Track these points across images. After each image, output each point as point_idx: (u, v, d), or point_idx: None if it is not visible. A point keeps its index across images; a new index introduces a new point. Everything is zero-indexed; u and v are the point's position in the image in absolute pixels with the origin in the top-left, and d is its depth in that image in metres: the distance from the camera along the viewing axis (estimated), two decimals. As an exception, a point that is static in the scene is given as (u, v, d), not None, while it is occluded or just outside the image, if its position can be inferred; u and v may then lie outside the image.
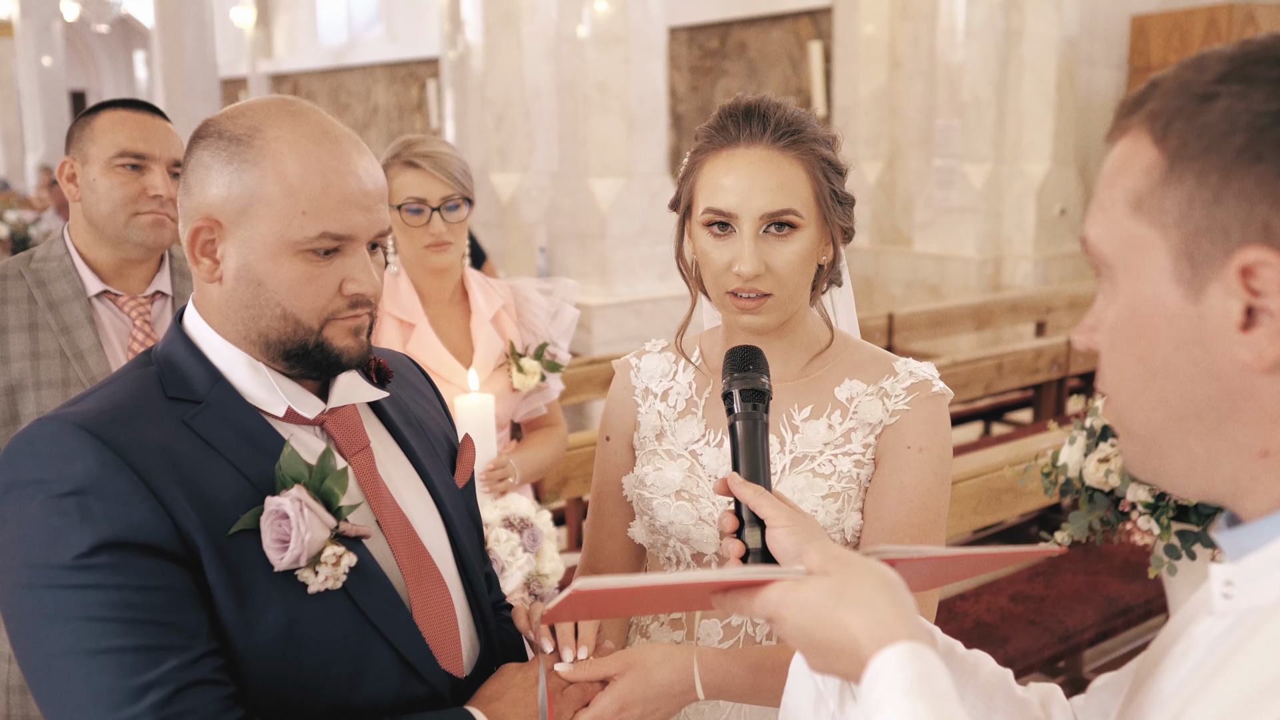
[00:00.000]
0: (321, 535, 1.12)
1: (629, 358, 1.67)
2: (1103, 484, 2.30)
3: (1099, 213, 0.81)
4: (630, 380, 1.64)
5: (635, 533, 1.60)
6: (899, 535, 1.43)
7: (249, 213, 1.16)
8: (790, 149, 1.41)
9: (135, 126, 2.07)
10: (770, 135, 1.41)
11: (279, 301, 1.17)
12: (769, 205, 1.39)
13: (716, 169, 1.42)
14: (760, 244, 1.41)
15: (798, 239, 1.42)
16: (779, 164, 1.40)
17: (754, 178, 1.40)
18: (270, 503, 1.12)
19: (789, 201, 1.40)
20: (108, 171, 2.05)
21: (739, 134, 1.42)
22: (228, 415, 1.17)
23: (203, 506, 1.10)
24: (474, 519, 1.42)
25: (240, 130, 1.17)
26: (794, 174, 1.41)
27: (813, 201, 1.42)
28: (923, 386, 1.48)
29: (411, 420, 1.38)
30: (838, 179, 1.46)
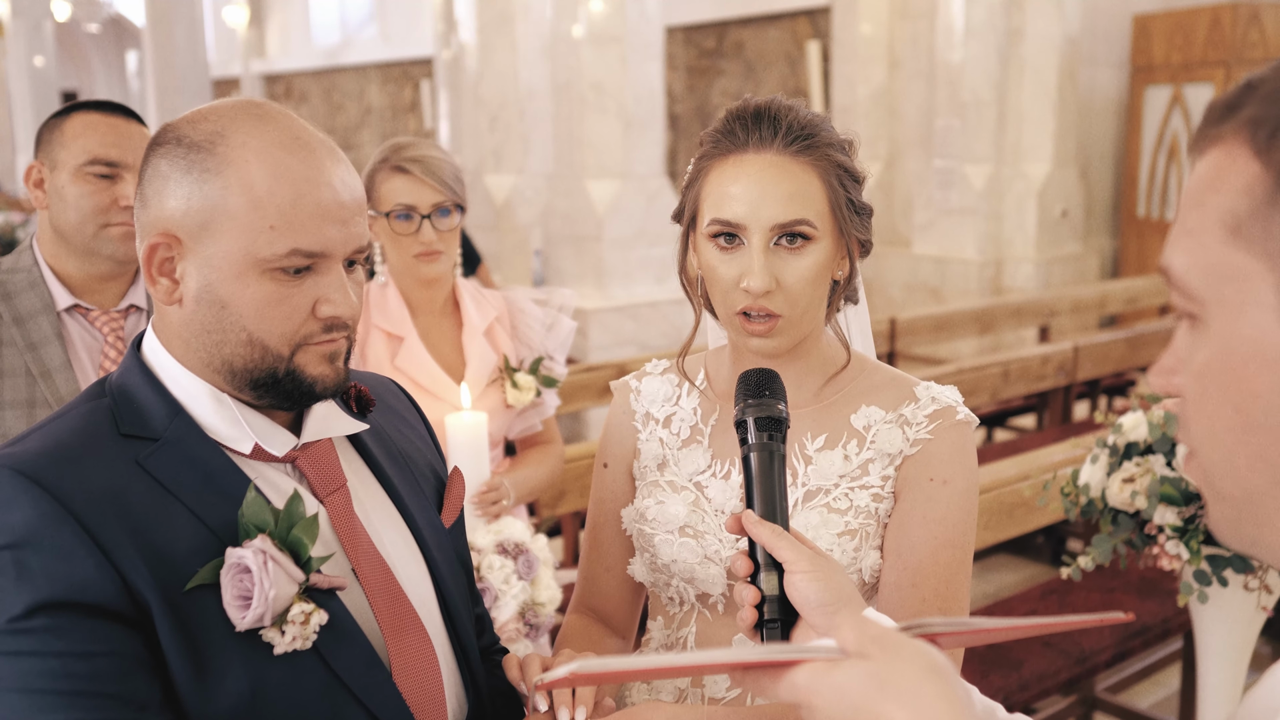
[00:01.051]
0: (288, 591, 1.00)
1: (628, 379, 1.55)
2: (1127, 505, 2.18)
3: (1185, 238, 0.70)
4: (630, 404, 1.52)
5: (635, 570, 1.48)
6: (922, 576, 1.31)
7: (211, 227, 1.04)
8: (803, 154, 1.31)
9: (108, 131, 1.94)
10: (782, 140, 1.31)
11: (245, 325, 1.06)
12: (780, 215, 1.29)
13: (724, 176, 1.32)
14: (771, 257, 1.30)
15: (811, 252, 1.31)
16: (791, 171, 1.30)
17: (764, 186, 1.30)
18: (231, 554, 1.00)
19: (802, 211, 1.30)
20: (77, 179, 1.92)
21: (748, 139, 1.32)
22: (187, 454, 1.06)
23: (156, 559, 0.98)
24: (463, 561, 1.30)
25: (201, 136, 1.05)
26: (807, 182, 1.31)
27: (828, 211, 1.32)
28: (946, 414, 1.36)
29: (395, 453, 1.26)
30: (855, 187, 1.36)
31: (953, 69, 8.28)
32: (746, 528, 1.10)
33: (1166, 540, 2.12)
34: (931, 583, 1.31)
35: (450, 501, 1.29)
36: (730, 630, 1.40)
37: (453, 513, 1.29)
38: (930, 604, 1.31)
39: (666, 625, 1.46)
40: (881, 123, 9.26)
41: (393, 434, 1.28)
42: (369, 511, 1.18)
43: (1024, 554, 4.83)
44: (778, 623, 1.08)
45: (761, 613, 1.09)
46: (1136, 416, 2.27)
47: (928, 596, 1.31)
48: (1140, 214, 8.43)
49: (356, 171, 1.14)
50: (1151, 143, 8.25)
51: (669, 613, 1.46)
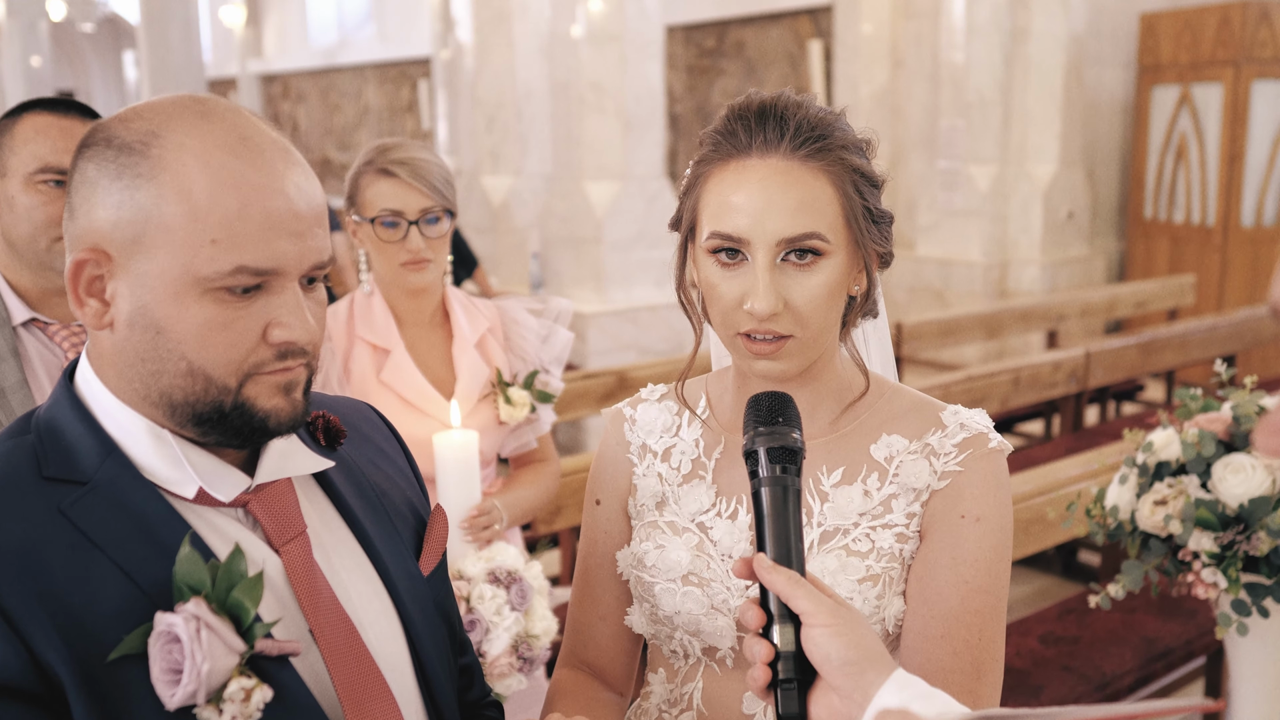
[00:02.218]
0: (226, 664, 0.87)
1: (622, 407, 1.39)
2: (1159, 529, 2.05)
3: None
4: (624, 434, 1.37)
5: (634, 621, 1.33)
6: (952, 626, 1.17)
7: (144, 242, 0.91)
8: (814, 159, 1.16)
9: (60, 136, 1.78)
10: (790, 142, 1.16)
11: (184, 354, 0.92)
12: (788, 229, 1.14)
13: (724, 184, 1.18)
14: (778, 275, 1.15)
15: (824, 268, 1.16)
16: (800, 177, 1.16)
17: (769, 195, 1.15)
18: (160, 621, 0.86)
19: (813, 223, 1.15)
20: (28, 188, 1.77)
21: (751, 141, 1.17)
22: (119, 500, 0.92)
23: (72, 627, 0.84)
24: (444, 613, 1.16)
25: (133, 137, 0.92)
26: (819, 189, 1.16)
27: (842, 223, 1.17)
28: (977, 442, 1.21)
29: (368, 491, 1.12)
30: (872, 193, 1.21)
31: (957, 68, 8.16)
32: (758, 574, 0.97)
33: (1203, 568, 1.99)
34: (963, 633, 1.17)
35: (430, 545, 1.15)
36: (740, 686, 1.26)
37: (433, 558, 1.15)
38: (961, 657, 1.17)
39: (669, 679, 1.32)
40: (884, 123, 9.13)
41: (366, 468, 1.14)
42: (333, 560, 1.04)
43: (1034, 565, 4.69)
44: (794, 683, 0.95)
45: (775, 671, 0.96)
46: (1168, 434, 2.14)
47: (959, 649, 1.17)
48: (1147, 216, 8.30)
49: (317, 176, 1.00)
50: (1159, 143, 8.12)
51: (672, 666, 1.32)
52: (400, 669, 1.05)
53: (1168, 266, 8.11)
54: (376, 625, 1.04)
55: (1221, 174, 7.67)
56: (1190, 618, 3.04)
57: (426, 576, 1.13)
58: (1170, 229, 8.13)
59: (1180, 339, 5.49)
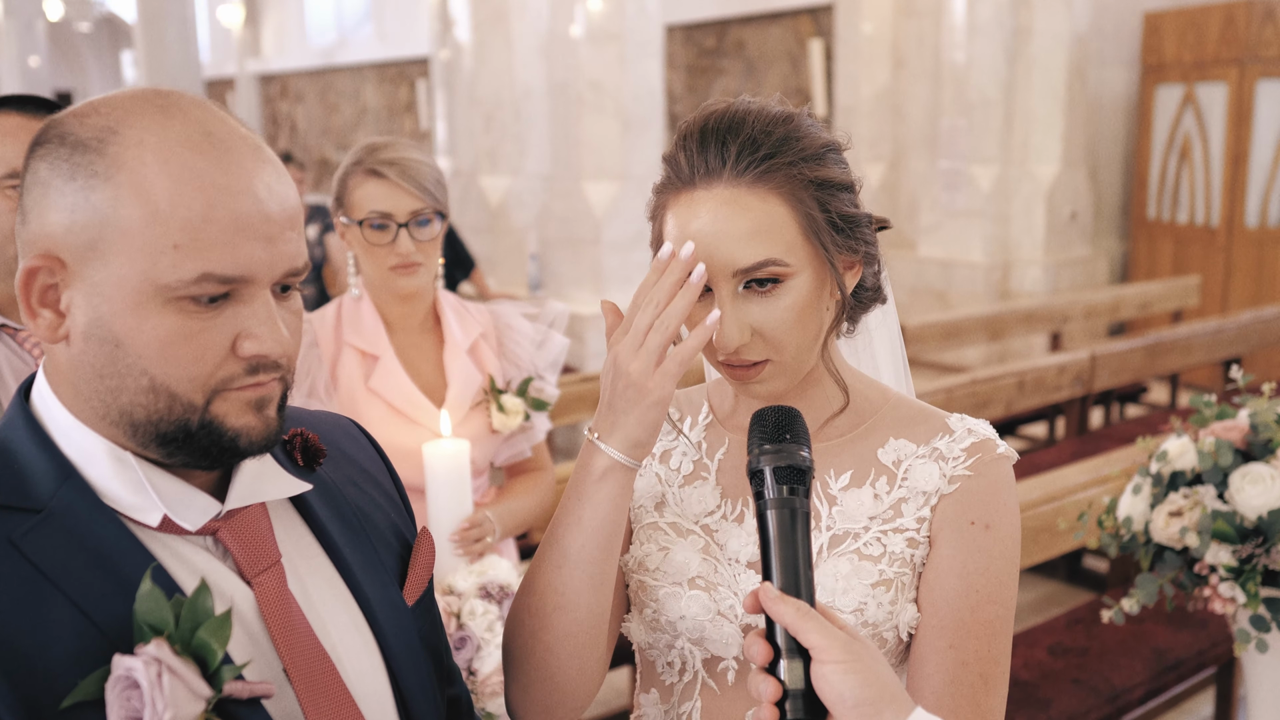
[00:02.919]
0: (190, 711, 0.79)
1: None
2: (1175, 542, 1.99)
3: None
4: None
5: (631, 629, 1.26)
6: (963, 637, 1.14)
7: (100, 247, 0.84)
8: (762, 181, 1.11)
9: (29, 139, 1.72)
10: (732, 168, 1.11)
11: (145, 368, 0.85)
12: (741, 259, 1.10)
13: (679, 218, 1.14)
14: (742, 304, 1.12)
15: (788, 291, 1.12)
16: (746, 204, 1.11)
17: (718, 226, 1.11)
18: (118, 664, 0.79)
19: (766, 250, 1.10)
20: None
21: (694, 172, 1.13)
22: (76, 530, 0.85)
23: (21, 669, 0.77)
24: (429, 645, 1.09)
25: (89, 133, 0.85)
26: (769, 211, 1.11)
27: (801, 240, 1.12)
28: (985, 447, 1.19)
29: (349, 515, 1.04)
30: (840, 197, 1.15)
31: (958, 68, 8.09)
32: (764, 605, 0.91)
33: (1220, 581, 1.92)
34: (973, 645, 1.14)
35: (415, 573, 1.08)
36: (744, 704, 1.20)
37: (418, 587, 1.08)
38: (970, 668, 1.13)
39: (664, 699, 1.26)
40: (885, 123, 9.06)
41: (348, 490, 1.07)
42: (310, 592, 0.97)
43: (1039, 571, 4.62)
44: None
45: (783, 711, 0.90)
46: (1183, 443, 2.07)
47: (968, 660, 1.13)
48: (1151, 216, 8.23)
49: (315, 176, 0.93)
50: (1163, 143, 8.06)
51: (665, 684, 1.25)
52: (382, 708, 0.98)
53: (1171, 268, 8.05)
54: (356, 661, 0.97)
55: (1226, 174, 7.60)
56: (1201, 628, 2.97)
57: (411, 606, 1.06)
58: (1174, 230, 8.06)
59: (1186, 341, 5.42)
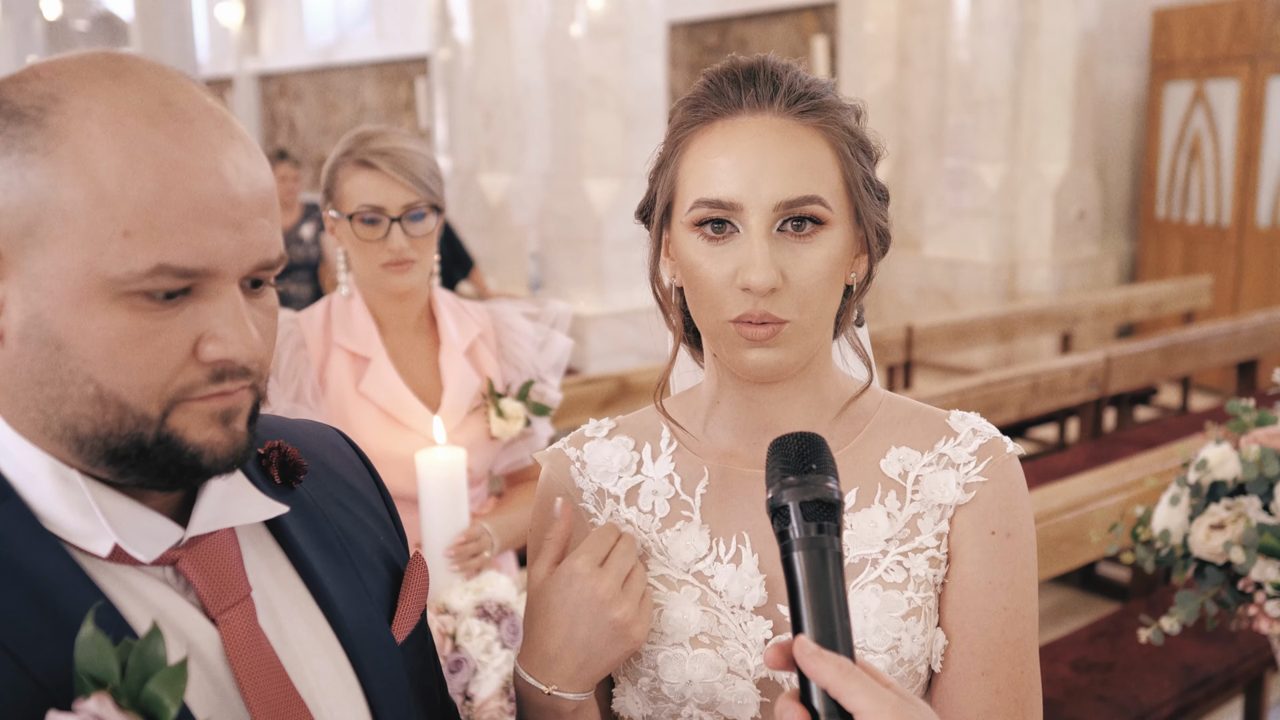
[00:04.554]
0: None
1: (562, 448, 1.16)
2: (1217, 556, 1.87)
3: None
4: (574, 481, 1.14)
5: (625, 704, 1.10)
6: (994, 661, 1.03)
7: (38, 233, 0.72)
8: (811, 115, 1.02)
9: None
10: (784, 98, 1.02)
11: (91, 375, 0.73)
12: (787, 191, 0.99)
13: (709, 146, 1.02)
14: (775, 246, 0.99)
15: (825, 240, 1.01)
16: (798, 135, 1.01)
17: (764, 154, 0.99)
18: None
19: (814, 186, 1.00)
20: None
21: (741, 97, 1.02)
22: (11, 560, 0.73)
23: None
24: (421, 687, 0.96)
25: (26, 101, 0.73)
26: (817, 150, 1.01)
27: (843, 188, 1.03)
28: (994, 448, 1.08)
29: (332, 540, 0.92)
30: (869, 163, 1.07)
31: (964, 65, 7.98)
32: (800, 662, 0.78)
33: (1266, 600, 1.80)
34: (1005, 668, 1.03)
35: (406, 606, 0.95)
36: None
37: (409, 621, 0.95)
38: (1004, 695, 1.03)
39: None
40: (891, 121, 8.94)
41: (331, 510, 0.95)
42: (285, 630, 0.85)
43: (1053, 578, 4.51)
44: None
45: None
46: (1223, 450, 1.95)
47: (1001, 686, 1.03)
48: (1160, 215, 8.12)
49: (308, 175, 0.80)
50: (1172, 142, 7.94)
51: None
52: None
53: (1181, 267, 7.93)
54: (337, 708, 0.85)
55: (1237, 172, 7.49)
56: (1230, 641, 2.85)
57: (402, 644, 0.93)
58: (1184, 229, 7.94)
59: (1201, 343, 5.30)
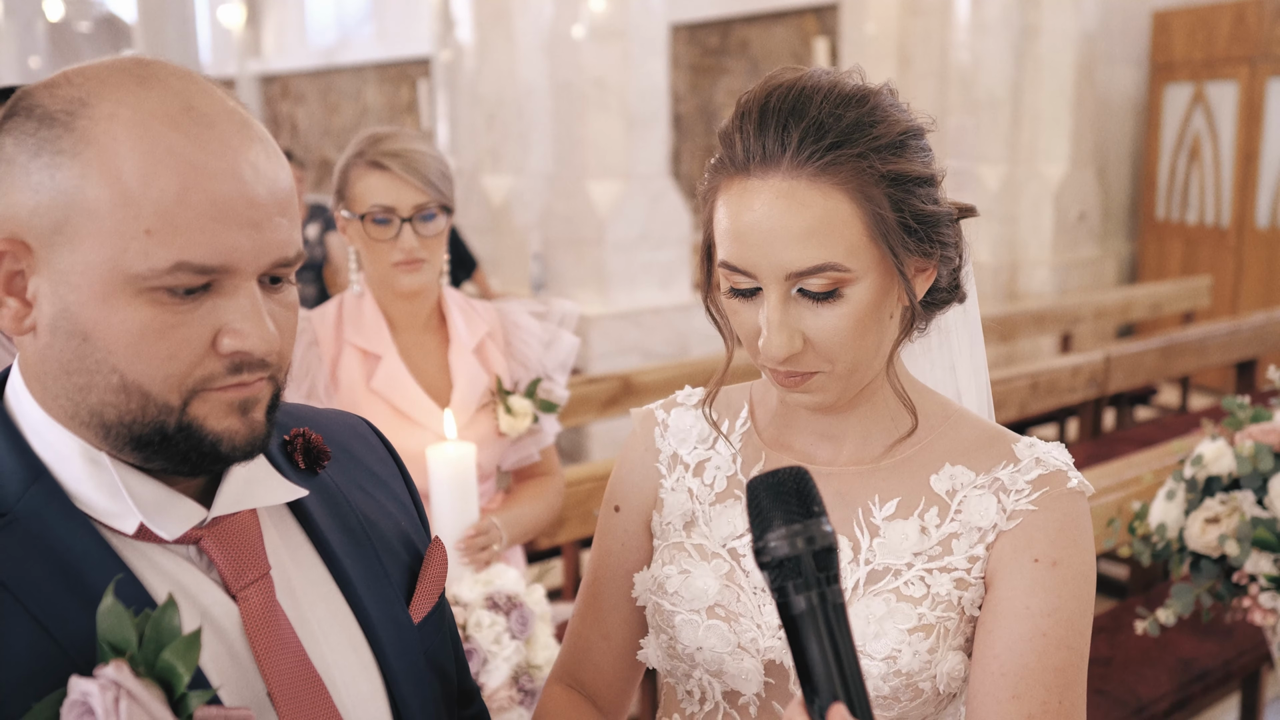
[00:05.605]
0: None
1: (654, 409, 1.23)
2: (1212, 549, 1.90)
3: None
4: (654, 440, 1.21)
5: (649, 654, 1.17)
6: (1027, 686, 1.00)
7: (67, 231, 0.76)
8: (825, 173, 0.97)
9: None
10: (794, 155, 0.98)
11: (115, 365, 0.77)
12: (795, 262, 0.98)
13: (729, 207, 1.01)
14: (792, 309, 1.00)
15: (849, 297, 1.00)
16: (805, 199, 0.97)
17: (772, 223, 0.98)
18: (74, 687, 0.71)
19: (824, 254, 0.97)
20: None
21: (749, 158, 1.00)
22: (42, 536, 0.77)
23: None
24: (437, 665, 1.00)
25: (58, 105, 0.77)
26: (831, 209, 0.97)
27: (866, 241, 0.99)
28: (1055, 480, 1.06)
29: (353, 523, 0.96)
30: (916, 194, 1.01)
31: (965, 67, 8.01)
32: None
33: (1260, 592, 1.84)
34: (1040, 694, 1.00)
35: (424, 586, 0.99)
36: None
37: (427, 602, 0.99)
38: None
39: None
40: (891, 122, 8.97)
41: (353, 495, 0.99)
42: (304, 607, 0.89)
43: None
44: None
45: None
46: (1218, 446, 1.99)
47: (1034, 712, 0.99)
48: (1159, 216, 8.15)
49: (314, 176, 0.84)
50: (1172, 143, 7.97)
51: (685, 711, 1.16)
52: None
53: (1180, 268, 7.96)
54: (353, 684, 0.89)
55: (1236, 174, 7.52)
56: (1228, 636, 2.89)
57: (419, 623, 0.97)
58: (1183, 230, 7.98)
59: (1200, 343, 5.33)
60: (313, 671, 0.85)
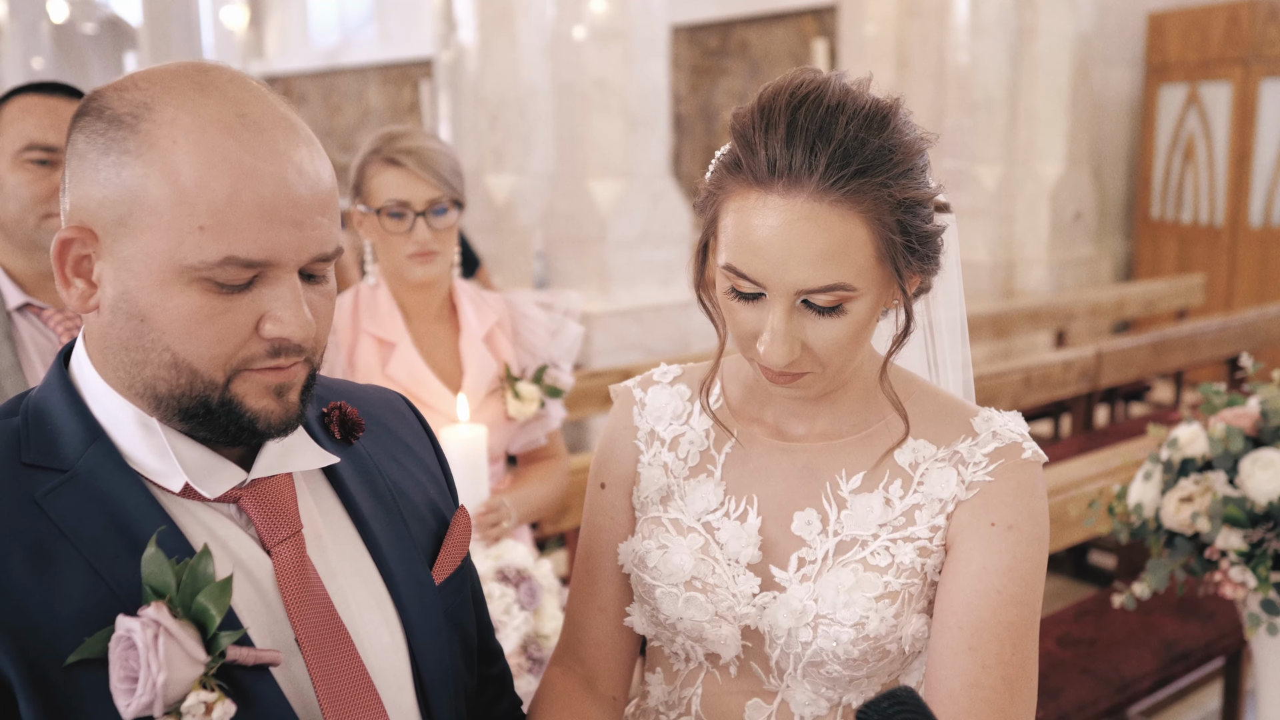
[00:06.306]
0: (186, 674, 0.81)
1: (632, 387, 1.30)
2: (1185, 527, 2.00)
3: None
4: (632, 418, 1.28)
5: (635, 621, 1.25)
6: (982, 639, 1.08)
7: (129, 223, 0.85)
8: (848, 199, 1.01)
9: (45, 114, 1.77)
10: (820, 179, 1.01)
11: (168, 345, 0.86)
12: (808, 281, 1.03)
13: (744, 214, 1.05)
14: (796, 319, 1.06)
15: (850, 310, 1.06)
16: (827, 222, 1.01)
17: (790, 243, 1.02)
18: (120, 624, 0.81)
19: (837, 274, 1.03)
20: (15, 167, 1.76)
21: (773, 173, 1.02)
22: (98, 491, 0.87)
23: (27, 627, 0.79)
24: (456, 624, 1.09)
25: (125, 108, 0.86)
26: (848, 233, 1.02)
27: (874, 263, 1.05)
28: (1010, 452, 1.13)
29: (382, 490, 1.05)
30: (921, 214, 1.06)
31: (963, 68, 8.10)
32: None
33: (1230, 566, 1.93)
34: (993, 646, 1.08)
35: (447, 551, 1.08)
36: (743, 696, 1.20)
37: (449, 564, 1.07)
38: (992, 671, 1.08)
39: (668, 680, 1.26)
40: (889, 123, 9.06)
41: (385, 465, 1.08)
42: (333, 564, 0.98)
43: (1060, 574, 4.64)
44: None
45: None
46: (1193, 430, 2.09)
47: (989, 663, 1.08)
48: (1154, 216, 8.25)
49: (329, 159, 0.94)
50: (1166, 143, 8.07)
51: (672, 668, 1.26)
52: (398, 685, 0.99)
53: (1175, 267, 8.06)
54: (375, 635, 0.98)
55: (1230, 173, 7.62)
56: (1210, 619, 2.98)
57: (441, 584, 1.06)
58: (1178, 229, 8.07)
59: (1191, 338, 5.43)
60: (338, 621, 0.94)
